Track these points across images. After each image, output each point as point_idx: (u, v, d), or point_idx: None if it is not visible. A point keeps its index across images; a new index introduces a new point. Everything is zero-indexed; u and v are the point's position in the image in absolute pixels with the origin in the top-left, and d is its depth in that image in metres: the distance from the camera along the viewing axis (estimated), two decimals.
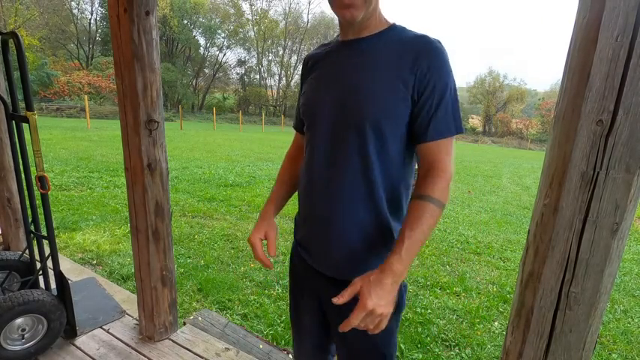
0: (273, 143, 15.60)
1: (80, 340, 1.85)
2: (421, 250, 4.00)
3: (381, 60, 0.84)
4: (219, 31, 40.64)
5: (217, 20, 40.29)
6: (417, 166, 0.91)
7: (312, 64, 0.98)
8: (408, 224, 0.79)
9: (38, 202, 1.75)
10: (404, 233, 0.79)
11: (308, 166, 0.94)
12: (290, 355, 1.95)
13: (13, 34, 1.54)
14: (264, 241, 1.03)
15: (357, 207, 0.87)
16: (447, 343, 2.36)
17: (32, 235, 1.83)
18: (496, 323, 2.64)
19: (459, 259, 3.90)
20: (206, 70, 43.41)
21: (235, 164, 8.86)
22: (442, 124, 0.81)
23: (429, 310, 2.71)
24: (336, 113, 0.86)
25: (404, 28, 0.88)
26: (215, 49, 42.30)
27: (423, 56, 0.81)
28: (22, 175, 1.74)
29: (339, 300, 0.76)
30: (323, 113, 0.88)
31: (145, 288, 1.80)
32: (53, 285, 1.85)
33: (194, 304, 2.56)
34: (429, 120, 0.81)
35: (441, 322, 2.59)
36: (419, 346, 2.29)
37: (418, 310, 2.71)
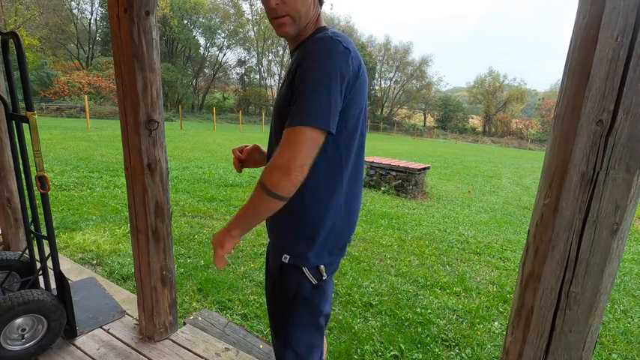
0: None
1: (80, 340, 1.85)
2: (421, 250, 4.01)
3: (289, 68, 0.95)
4: (219, 31, 40.63)
5: (217, 20, 40.28)
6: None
7: None
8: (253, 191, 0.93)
9: (38, 202, 1.75)
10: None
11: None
12: None
13: (13, 34, 1.54)
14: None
15: None
16: (447, 343, 2.36)
17: (32, 235, 1.83)
18: (496, 323, 2.64)
19: (459, 259, 3.90)
20: (206, 70, 43.41)
21: None
22: (292, 115, 0.85)
23: (429, 310, 2.71)
24: (273, 113, 1.05)
25: (324, 28, 0.96)
26: (215, 49, 42.33)
27: (301, 56, 0.89)
28: (22, 175, 1.74)
29: None
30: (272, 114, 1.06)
31: (145, 288, 1.80)
32: (53, 285, 1.85)
33: (194, 304, 2.56)
34: (294, 106, 0.86)
35: (441, 322, 2.59)
36: (419, 346, 2.29)
37: (418, 310, 2.71)
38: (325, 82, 0.82)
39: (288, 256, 1.01)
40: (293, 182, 0.84)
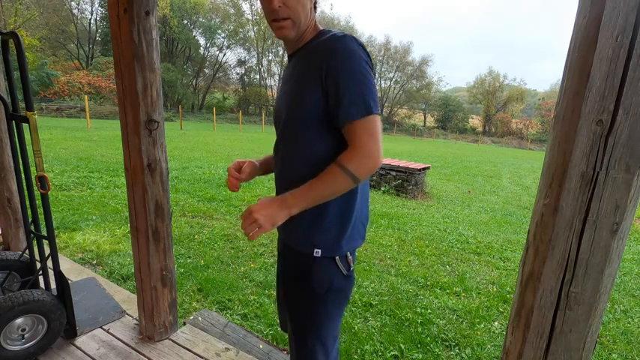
0: (273, 143, 15.57)
1: (80, 340, 1.85)
2: (421, 250, 4.01)
3: (299, 68, 0.99)
4: (219, 31, 40.62)
5: (217, 20, 40.27)
6: None
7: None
8: (312, 180, 0.93)
9: (38, 202, 1.75)
10: (309, 181, 0.93)
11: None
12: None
13: (13, 34, 1.54)
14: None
15: None
16: (447, 343, 2.36)
17: (32, 235, 1.83)
18: (496, 323, 2.64)
19: (459, 259, 3.90)
20: (206, 70, 43.39)
21: None
22: (349, 109, 0.89)
23: (429, 310, 2.71)
24: (276, 118, 1.09)
25: (327, 31, 0.98)
26: (215, 49, 42.31)
27: (325, 54, 0.91)
28: (22, 175, 1.74)
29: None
30: (275, 119, 1.10)
31: (145, 288, 1.80)
32: (53, 285, 1.85)
33: (194, 304, 2.56)
34: (338, 108, 0.90)
35: (441, 322, 2.59)
36: (419, 346, 2.29)
37: (418, 310, 2.71)
38: (366, 74, 0.89)
39: (320, 249, 1.01)
40: (377, 168, 0.91)
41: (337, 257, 1.03)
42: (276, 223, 0.92)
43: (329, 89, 0.90)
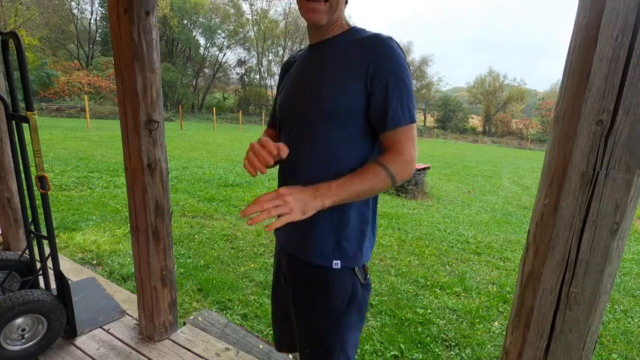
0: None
1: (80, 340, 1.85)
2: (421, 250, 4.01)
3: (334, 60, 0.92)
4: (219, 31, 40.63)
5: (217, 20, 40.27)
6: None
7: (287, 68, 1.08)
8: (354, 171, 0.88)
9: (38, 202, 1.75)
10: (347, 175, 0.87)
11: (282, 163, 1.03)
12: (290, 355, 1.95)
13: (13, 34, 1.54)
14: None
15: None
16: (447, 343, 2.36)
17: (32, 235, 1.83)
18: (496, 323, 2.64)
19: (459, 259, 3.90)
20: (206, 70, 43.40)
21: (235, 164, 8.86)
22: (397, 115, 0.88)
23: (429, 310, 2.71)
24: (299, 109, 0.96)
25: (362, 29, 0.94)
26: (215, 49, 42.32)
27: (373, 53, 0.87)
28: (22, 175, 1.74)
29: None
30: (288, 110, 1.00)
31: (145, 288, 1.80)
32: (53, 285, 1.85)
33: (194, 304, 2.56)
34: (385, 112, 0.88)
35: (441, 322, 2.59)
36: (419, 346, 2.29)
37: (418, 310, 2.71)
38: (410, 80, 0.90)
39: (340, 261, 0.95)
40: (410, 176, 0.93)
41: (356, 268, 0.98)
42: (307, 212, 0.81)
43: (376, 90, 0.87)
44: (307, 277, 0.99)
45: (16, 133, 1.69)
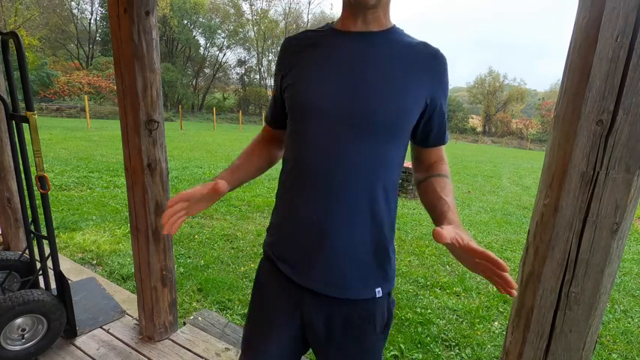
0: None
1: (80, 340, 1.85)
2: (421, 250, 4.01)
3: (396, 60, 0.79)
4: (219, 31, 40.64)
5: (217, 20, 40.28)
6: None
7: (297, 50, 0.85)
8: (445, 194, 0.81)
9: (38, 202, 1.75)
10: (447, 201, 0.79)
11: (300, 169, 0.83)
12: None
13: (13, 34, 1.54)
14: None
15: (361, 216, 0.81)
16: (447, 343, 2.36)
17: (32, 235, 1.83)
18: (496, 323, 2.64)
19: None
20: (206, 70, 43.40)
21: None
22: (446, 132, 0.90)
23: (429, 310, 2.71)
24: (344, 109, 0.77)
25: (403, 30, 0.85)
26: (215, 49, 42.31)
27: (437, 68, 0.81)
28: (22, 175, 1.74)
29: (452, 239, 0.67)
30: (326, 107, 0.78)
31: (145, 288, 1.80)
32: (53, 285, 1.84)
33: (194, 304, 2.56)
34: (440, 129, 0.87)
35: (441, 322, 2.59)
36: (419, 346, 2.29)
37: (418, 310, 2.71)
38: None
39: (380, 288, 0.86)
40: None
41: (391, 291, 0.91)
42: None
43: (434, 106, 0.83)
44: (347, 314, 0.86)
45: (16, 133, 1.69)
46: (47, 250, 1.75)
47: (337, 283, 0.83)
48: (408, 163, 5.97)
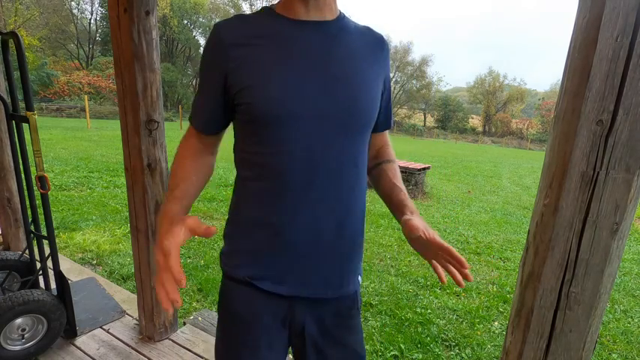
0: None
1: (80, 340, 1.85)
2: None
3: (356, 49, 0.77)
4: None
5: (217, 20, 40.26)
6: None
7: (242, 42, 0.72)
8: (398, 180, 0.89)
9: (38, 202, 1.75)
10: (401, 189, 0.87)
11: (278, 180, 0.74)
12: (290, 355, 1.94)
13: (13, 34, 1.54)
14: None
15: (345, 211, 0.79)
16: (447, 343, 2.36)
17: (32, 235, 1.83)
18: (496, 323, 2.64)
19: None
20: None
21: None
22: (392, 116, 0.94)
23: (429, 310, 2.71)
24: (324, 110, 0.72)
25: (349, 18, 0.82)
26: None
27: (387, 53, 0.84)
28: (22, 175, 1.74)
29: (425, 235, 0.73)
30: (304, 111, 0.71)
31: (145, 288, 1.80)
32: (53, 285, 1.85)
33: (194, 304, 2.56)
34: (388, 112, 0.91)
35: (441, 322, 2.59)
36: (419, 346, 2.29)
37: (418, 310, 2.71)
38: None
39: (360, 275, 0.89)
40: None
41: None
42: None
43: (386, 88, 0.87)
44: (337, 307, 0.85)
45: (16, 133, 1.69)
46: (47, 250, 1.75)
47: (333, 284, 0.82)
48: (409, 163, 5.99)
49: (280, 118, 0.71)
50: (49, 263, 1.77)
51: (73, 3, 33.98)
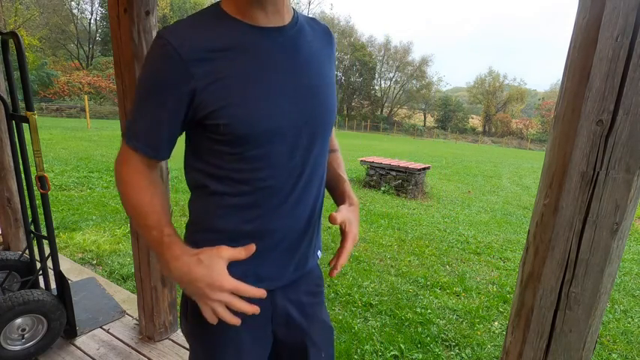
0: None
1: (80, 340, 1.85)
2: (421, 250, 4.01)
3: (316, 50, 0.77)
4: None
5: None
6: None
7: (205, 57, 0.65)
8: (342, 170, 0.94)
9: (38, 202, 1.75)
10: (345, 179, 0.92)
11: (261, 192, 0.74)
12: None
13: (13, 34, 1.54)
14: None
15: (319, 200, 0.86)
16: (447, 343, 2.36)
17: (32, 235, 1.83)
18: (496, 323, 2.64)
19: (458, 259, 3.90)
20: None
21: None
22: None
23: (429, 310, 2.71)
24: (302, 123, 0.73)
25: (298, 12, 0.79)
26: None
27: (334, 44, 0.86)
28: (22, 175, 1.74)
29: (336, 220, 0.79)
30: (285, 126, 0.71)
31: (145, 288, 1.80)
32: (53, 285, 1.85)
33: None
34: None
35: (441, 322, 2.59)
36: (419, 346, 2.29)
37: (418, 310, 2.71)
38: None
39: (319, 249, 0.93)
40: None
41: None
42: None
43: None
44: (309, 289, 0.90)
45: (16, 133, 1.69)
46: (47, 250, 1.75)
47: (301, 265, 0.86)
48: (409, 163, 6.00)
49: (263, 136, 0.70)
50: (49, 263, 1.77)
51: (73, 3, 34.02)
